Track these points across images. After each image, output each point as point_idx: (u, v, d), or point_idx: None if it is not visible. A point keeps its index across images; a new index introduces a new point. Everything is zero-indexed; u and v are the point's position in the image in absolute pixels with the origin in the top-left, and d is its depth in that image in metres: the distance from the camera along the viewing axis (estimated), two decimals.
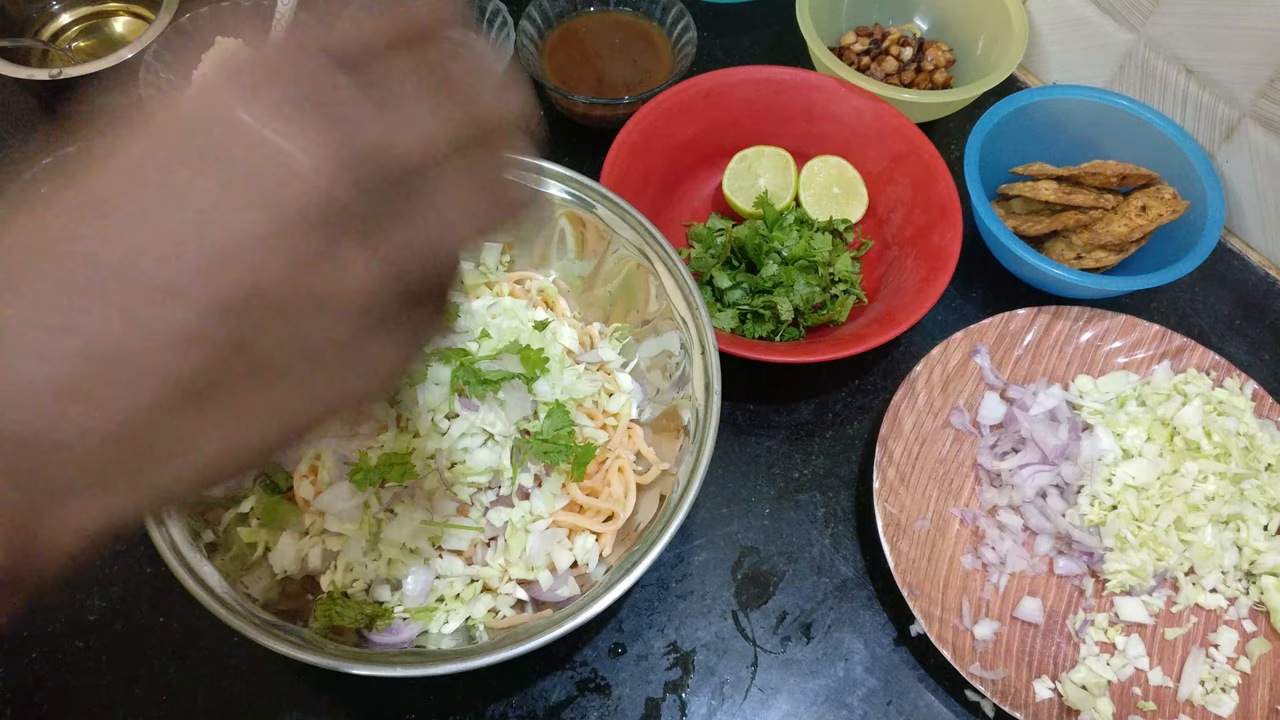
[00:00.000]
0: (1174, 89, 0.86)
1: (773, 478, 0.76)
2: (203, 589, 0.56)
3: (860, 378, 0.81)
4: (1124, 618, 0.71)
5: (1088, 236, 0.80)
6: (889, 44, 0.93)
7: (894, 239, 0.83)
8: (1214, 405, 0.75)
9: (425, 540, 0.63)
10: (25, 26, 0.94)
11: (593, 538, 0.66)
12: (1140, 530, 0.71)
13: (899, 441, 0.73)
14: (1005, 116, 0.82)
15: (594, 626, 0.69)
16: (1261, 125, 0.81)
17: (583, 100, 0.86)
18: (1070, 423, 0.75)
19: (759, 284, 0.80)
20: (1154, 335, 0.79)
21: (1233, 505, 0.71)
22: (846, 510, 0.75)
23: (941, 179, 0.80)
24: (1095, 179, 0.81)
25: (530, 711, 0.67)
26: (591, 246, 0.73)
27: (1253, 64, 0.79)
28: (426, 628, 0.62)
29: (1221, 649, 0.70)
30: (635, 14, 0.93)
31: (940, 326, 0.83)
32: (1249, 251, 0.90)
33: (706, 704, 0.68)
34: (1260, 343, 0.85)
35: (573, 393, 0.67)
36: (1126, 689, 0.68)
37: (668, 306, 0.68)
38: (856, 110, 0.85)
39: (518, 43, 0.88)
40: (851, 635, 0.70)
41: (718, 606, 0.71)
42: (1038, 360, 0.79)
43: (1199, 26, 0.81)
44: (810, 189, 0.86)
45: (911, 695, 0.69)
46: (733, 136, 0.87)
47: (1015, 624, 0.70)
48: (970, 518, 0.74)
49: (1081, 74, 0.93)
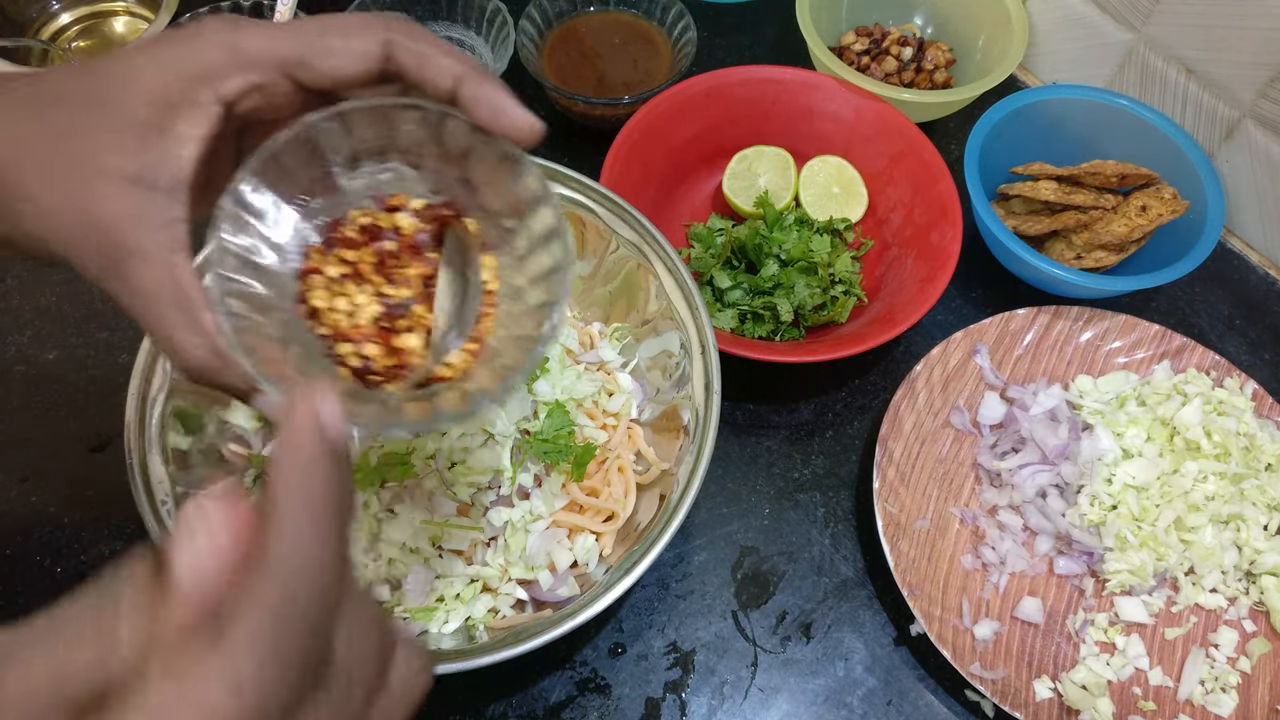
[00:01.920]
0: (1174, 89, 0.86)
1: (773, 478, 0.76)
2: None
3: (860, 378, 0.81)
4: (1124, 618, 0.71)
5: (1088, 236, 0.80)
6: (889, 44, 0.93)
7: (894, 239, 0.83)
8: (1214, 405, 0.75)
9: (425, 540, 0.63)
10: (25, 26, 0.94)
11: (593, 537, 0.66)
12: (1140, 530, 0.71)
13: (899, 441, 0.73)
14: (1005, 116, 0.82)
15: (594, 626, 0.69)
16: (1261, 125, 0.81)
17: (583, 100, 0.86)
18: (1070, 423, 0.75)
19: (759, 284, 0.80)
20: (1154, 335, 0.79)
21: (1233, 505, 0.71)
22: (846, 510, 0.75)
23: (941, 179, 0.80)
24: (1095, 179, 0.81)
25: (530, 711, 0.67)
26: (591, 246, 0.73)
27: (1253, 64, 0.79)
28: (426, 628, 0.62)
29: (1221, 649, 0.70)
30: (635, 14, 0.93)
31: (940, 326, 0.83)
32: (1249, 251, 0.90)
33: (706, 704, 0.68)
34: (1260, 343, 0.85)
35: (573, 393, 0.67)
36: (1126, 689, 0.68)
37: (668, 306, 0.68)
38: (856, 110, 0.85)
39: (518, 43, 0.88)
40: (851, 635, 0.70)
41: (718, 606, 0.71)
42: (1038, 360, 0.79)
43: (1199, 26, 0.81)
44: (810, 189, 0.86)
45: (911, 695, 0.69)
46: (733, 136, 0.87)
47: (1015, 624, 0.70)
48: (970, 518, 0.74)
49: (1081, 74, 0.93)
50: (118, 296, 0.39)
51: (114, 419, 0.72)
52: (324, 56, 0.40)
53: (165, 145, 0.39)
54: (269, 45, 0.39)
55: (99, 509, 0.72)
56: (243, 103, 0.40)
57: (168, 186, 0.39)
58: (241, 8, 0.89)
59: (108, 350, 0.79)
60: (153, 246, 0.38)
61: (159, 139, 0.38)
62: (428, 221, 0.45)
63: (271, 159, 0.41)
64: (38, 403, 0.77)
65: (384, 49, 0.40)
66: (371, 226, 0.45)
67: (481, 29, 0.93)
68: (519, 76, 0.93)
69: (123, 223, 0.38)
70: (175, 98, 0.39)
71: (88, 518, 0.72)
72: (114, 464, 0.69)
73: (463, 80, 0.40)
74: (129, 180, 0.38)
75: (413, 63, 0.40)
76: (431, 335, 0.45)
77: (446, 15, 0.94)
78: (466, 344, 0.46)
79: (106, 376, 0.78)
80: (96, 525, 0.72)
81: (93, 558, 0.71)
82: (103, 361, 0.79)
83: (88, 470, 0.74)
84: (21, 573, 0.70)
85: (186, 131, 0.39)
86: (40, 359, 0.79)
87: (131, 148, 0.38)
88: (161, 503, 0.59)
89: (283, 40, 0.39)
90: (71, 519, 0.72)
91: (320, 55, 0.40)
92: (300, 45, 0.39)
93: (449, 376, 0.45)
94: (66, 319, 0.81)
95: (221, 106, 0.39)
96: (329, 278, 0.44)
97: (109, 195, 0.38)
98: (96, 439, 0.75)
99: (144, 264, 0.38)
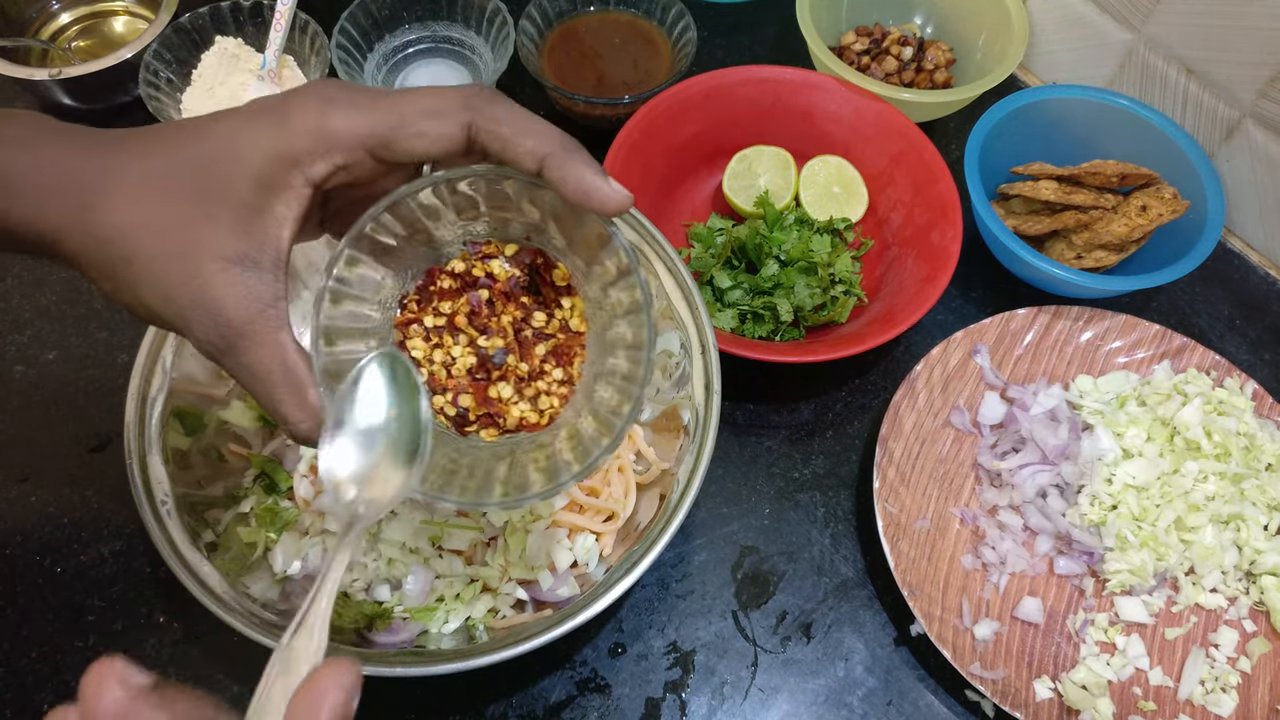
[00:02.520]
0: (1174, 89, 0.86)
1: (773, 478, 0.76)
2: (202, 589, 0.56)
3: (860, 378, 0.81)
4: (1124, 617, 0.71)
5: (1088, 236, 0.80)
6: (889, 44, 0.93)
7: (894, 239, 0.83)
8: (1214, 405, 0.75)
9: (425, 540, 0.63)
10: (25, 26, 0.94)
11: (593, 537, 0.66)
12: (1140, 530, 0.71)
13: (899, 441, 0.73)
14: (1005, 116, 0.82)
15: (594, 626, 0.69)
16: (1261, 125, 0.81)
17: (583, 100, 0.86)
18: (1070, 422, 0.75)
19: (759, 284, 0.80)
20: (1154, 335, 0.79)
21: (1233, 505, 0.71)
22: (846, 510, 0.75)
23: (941, 179, 0.80)
24: (1095, 179, 0.81)
25: (530, 711, 0.67)
26: None
27: (1253, 64, 0.79)
28: (426, 627, 0.62)
29: (1221, 649, 0.70)
30: (635, 14, 0.93)
31: (940, 326, 0.83)
32: (1249, 251, 0.90)
33: (706, 704, 0.68)
34: (1260, 343, 0.85)
35: None
36: (1126, 689, 0.68)
37: (668, 306, 0.68)
38: (856, 110, 0.85)
39: (518, 43, 0.88)
40: (851, 635, 0.70)
41: (718, 606, 0.71)
42: (1038, 360, 0.79)
43: (1199, 26, 0.81)
44: (810, 189, 0.86)
45: (911, 695, 0.69)
46: (733, 136, 0.87)
47: (1015, 624, 0.70)
48: (970, 517, 0.74)
49: (1081, 74, 0.93)
50: (232, 372, 0.42)
51: (114, 419, 0.72)
52: (407, 140, 0.41)
53: (265, 227, 0.41)
54: (354, 128, 0.41)
55: (99, 509, 0.72)
56: (330, 180, 0.42)
57: (270, 265, 0.41)
58: (241, 7, 0.89)
59: (107, 350, 0.79)
60: (261, 327, 0.41)
61: (259, 221, 0.41)
62: (520, 267, 0.46)
63: (363, 235, 0.43)
64: (38, 403, 0.77)
65: (465, 131, 0.41)
66: (466, 274, 0.47)
67: (481, 29, 0.93)
68: (519, 76, 0.93)
69: (233, 304, 0.40)
70: (270, 180, 0.41)
71: (88, 518, 0.72)
72: (114, 464, 0.69)
73: (547, 162, 0.41)
74: (236, 262, 0.40)
75: (496, 146, 0.41)
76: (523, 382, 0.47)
77: (446, 15, 0.94)
78: (557, 387, 0.46)
79: (106, 376, 0.78)
80: (96, 525, 0.72)
81: (92, 558, 0.71)
82: (102, 361, 0.79)
83: (88, 470, 0.74)
84: (21, 573, 0.70)
85: (284, 213, 0.41)
86: (40, 359, 0.79)
87: (237, 230, 0.40)
88: (161, 503, 0.59)
89: (366, 121, 0.41)
90: (71, 519, 0.72)
91: (403, 139, 0.41)
92: (384, 128, 0.41)
93: (540, 424, 0.46)
94: (66, 319, 0.81)
95: (311, 189, 0.41)
96: (426, 328, 0.46)
97: (219, 277, 0.40)
98: (96, 439, 0.75)
99: (254, 345, 0.41)
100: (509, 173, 0.42)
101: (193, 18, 0.88)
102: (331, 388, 0.42)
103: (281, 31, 0.87)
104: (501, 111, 0.41)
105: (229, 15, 0.89)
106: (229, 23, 0.90)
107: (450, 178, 0.42)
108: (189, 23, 0.88)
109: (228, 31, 0.90)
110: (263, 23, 0.90)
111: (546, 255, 0.47)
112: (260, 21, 0.90)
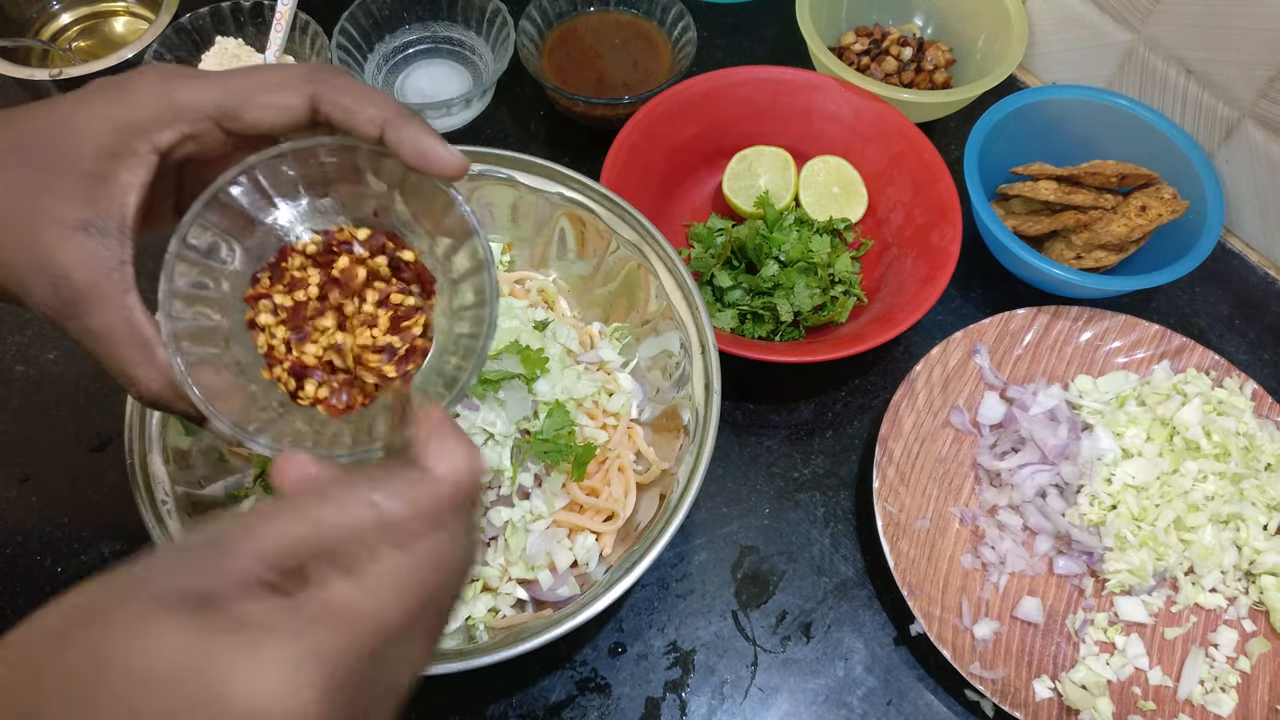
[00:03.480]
0: (1174, 89, 0.86)
1: (773, 477, 0.77)
2: None
3: (860, 378, 0.81)
4: (1124, 617, 0.71)
5: (1087, 236, 0.80)
6: (889, 44, 0.93)
7: (894, 239, 0.83)
8: (1214, 405, 0.75)
9: None
10: (25, 26, 0.94)
11: (593, 537, 0.66)
12: (1140, 530, 0.71)
13: (899, 441, 0.74)
14: (1005, 116, 0.82)
15: (594, 626, 0.69)
16: (1261, 125, 0.81)
17: (583, 100, 0.86)
18: (1070, 422, 0.75)
19: (759, 284, 0.80)
20: (1154, 335, 0.79)
21: (1232, 505, 0.71)
22: (846, 510, 0.75)
23: (941, 179, 0.80)
24: (1095, 179, 0.81)
25: (530, 711, 0.67)
26: (591, 246, 0.73)
27: (1253, 64, 0.79)
28: None
29: (1221, 648, 0.70)
30: (635, 14, 0.93)
31: (940, 326, 0.83)
32: (1249, 251, 0.90)
33: (706, 703, 0.68)
34: (1260, 343, 0.85)
35: (573, 393, 0.67)
36: (1126, 688, 0.68)
37: (668, 306, 0.68)
38: (856, 110, 0.85)
39: (518, 43, 0.88)
40: (851, 635, 0.70)
41: (718, 606, 0.71)
42: (1037, 360, 0.79)
43: (1199, 26, 0.81)
44: (810, 189, 0.86)
45: (911, 695, 0.69)
46: (733, 136, 0.87)
47: (1015, 623, 0.70)
48: (970, 517, 0.74)
49: (1081, 74, 0.94)
50: (76, 336, 0.42)
51: (114, 419, 0.72)
52: (250, 110, 0.42)
53: (109, 194, 0.41)
54: (199, 98, 0.42)
55: (99, 509, 0.72)
56: (177, 150, 0.43)
57: (115, 231, 0.42)
58: (242, 7, 0.89)
59: None
60: (106, 289, 0.41)
61: (104, 188, 0.41)
62: (374, 251, 0.47)
63: (214, 200, 0.44)
64: (38, 403, 0.77)
65: (309, 102, 0.43)
66: (319, 254, 0.47)
67: (481, 29, 0.93)
68: (519, 77, 0.93)
69: (76, 268, 0.41)
70: (116, 149, 0.41)
71: (88, 518, 0.72)
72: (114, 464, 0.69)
73: (387, 127, 0.42)
74: (79, 228, 0.41)
75: (339, 116, 0.43)
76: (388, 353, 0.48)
77: (446, 15, 0.94)
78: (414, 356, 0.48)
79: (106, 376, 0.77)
80: (96, 525, 0.72)
81: (93, 558, 0.71)
82: None
83: (88, 470, 0.74)
84: (21, 573, 0.70)
85: (128, 180, 0.42)
86: (40, 359, 0.79)
87: (80, 198, 0.41)
88: (161, 502, 0.59)
89: (212, 93, 0.42)
90: (71, 519, 0.72)
91: (247, 110, 0.42)
92: (228, 99, 0.42)
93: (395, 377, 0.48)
94: None
95: (158, 155, 0.42)
96: (274, 304, 0.47)
97: (62, 242, 0.41)
98: (96, 439, 0.75)
99: (98, 307, 0.41)
100: (353, 142, 0.44)
101: (193, 18, 0.88)
102: (182, 351, 0.42)
103: (282, 32, 0.87)
104: (344, 82, 0.43)
105: (229, 15, 0.89)
106: (229, 23, 0.90)
107: (298, 147, 0.44)
108: (189, 23, 0.88)
109: (228, 32, 0.90)
110: (263, 23, 0.90)
111: (397, 238, 0.48)
112: (261, 22, 0.90)
